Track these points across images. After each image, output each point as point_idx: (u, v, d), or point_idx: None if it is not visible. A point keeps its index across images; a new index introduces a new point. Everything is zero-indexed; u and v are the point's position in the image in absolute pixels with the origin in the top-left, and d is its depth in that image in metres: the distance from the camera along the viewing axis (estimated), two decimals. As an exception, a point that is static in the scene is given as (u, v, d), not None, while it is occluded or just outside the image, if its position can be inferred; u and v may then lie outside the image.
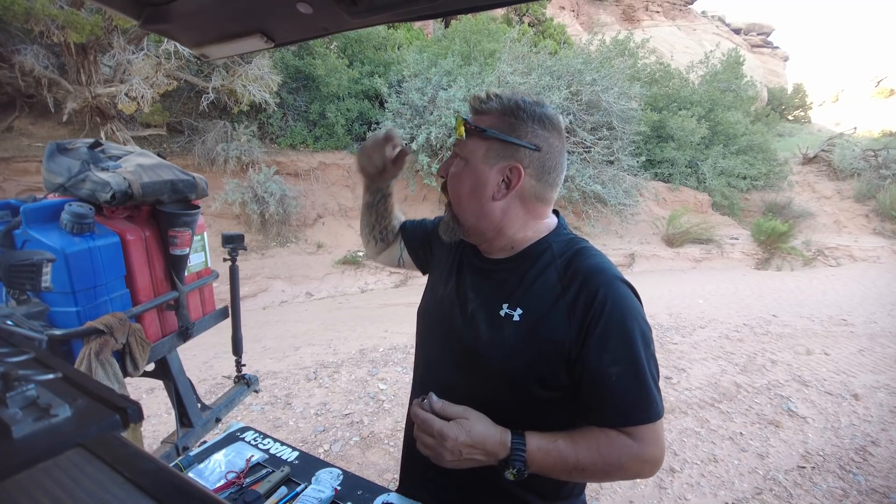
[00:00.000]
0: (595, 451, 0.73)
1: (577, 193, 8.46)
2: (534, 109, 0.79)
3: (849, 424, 2.99)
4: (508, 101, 0.79)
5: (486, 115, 0.80)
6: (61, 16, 5.22)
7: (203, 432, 1.66)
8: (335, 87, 8.27)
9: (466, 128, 0.80)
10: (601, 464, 0.73)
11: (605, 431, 0.75)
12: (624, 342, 0.74)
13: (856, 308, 5.87)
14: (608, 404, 0.74)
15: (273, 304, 6.37)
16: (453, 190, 0.84)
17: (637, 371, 0.74)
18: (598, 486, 2.35)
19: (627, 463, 0.73)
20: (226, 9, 0.77)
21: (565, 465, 0.72)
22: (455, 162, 0.84)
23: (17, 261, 0.98)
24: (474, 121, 0.81)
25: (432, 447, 0.72)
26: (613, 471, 0.74)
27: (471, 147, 0.81)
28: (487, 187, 0.80)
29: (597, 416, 0.76)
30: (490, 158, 0.80)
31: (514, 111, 0.79)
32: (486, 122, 0.80)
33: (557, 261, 0.81)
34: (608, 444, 0.73)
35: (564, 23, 15.56)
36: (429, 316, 0.96)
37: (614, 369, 0.73)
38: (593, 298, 0.74)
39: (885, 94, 30.78)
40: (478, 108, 0.81)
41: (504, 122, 0.79)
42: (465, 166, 0.82)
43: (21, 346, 0.47)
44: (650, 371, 0.75)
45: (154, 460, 0.34)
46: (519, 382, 0.78)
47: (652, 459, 0.74)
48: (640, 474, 0.75)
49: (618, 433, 0.74)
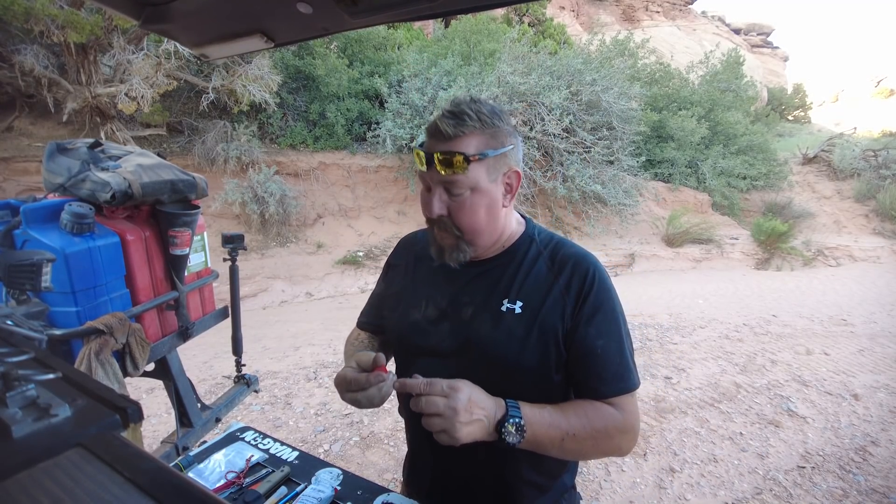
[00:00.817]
0: (584, 417, 0.78)
1: (577, 193, 8.46)
2: (497, 110, 0.81)
3: (849, 424, 2.99)
4: (482, 114, 0.77)
5: (467, 138, 0.77)
6: (61, 16, 5.22)
7: (203, 432, 1.67)
8: (335, 87, 8.27)
9: (469, 161, 0.76)
10: (590, 429, 0.77)
11: (589, 402, 0.81)
12: (607, 318, 0.82)
13: (856, 308, 5.87)
14: (594, 375, 0.81)
15: (273, 304, 6.37)
16: (467, 220, 0.81)
17: (619, 344, 0.82)
18: (598, 487, 2.35)
19: (612, 431, 0.78)
20: (226, 9, 0.77)
21: (558, 429, 0.76)
22: (450, 195, 0.79)
23: (17, 261, 0.98)
24: (453, 145, 0.76)
25: (444, 416, 0.69)
26: (601, 438, 0.78)
27: (473, 175, 0.77)
28: (498, 202, 0.82)
29: (584, 387, 0.82)
30: (491, 175, 0.80)
31: (492, 120, 0.78)
32: (475, 144, 0.77)
33: (544, 252, 0.87)
34: (595, 410, 0.79)
35: (564, 23, 15.56)
36: (419, 336, 0.89)
37: (600, 342, 0.80)
38: (584, 279, 0.82)
39: (885, 94, 30.77)
40: (453, 133, 0.76)
41: (489, 135, 0.78)
42: (471, 194, 0.79)
43: (21, 346, 0.47)
44: (628, 345, 0.83)
45: (154, 460, 0.34)
46: (536, 372, 0.82)
47: (632, 430, 0.80)
48: (621, 446, 0.80)
49: (602, 403, 0.80)
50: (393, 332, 0.96)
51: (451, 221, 0.81)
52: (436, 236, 0.85)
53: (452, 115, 0.77)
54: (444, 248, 0.84)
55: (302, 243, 7.53)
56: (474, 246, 0.84)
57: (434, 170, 0.77)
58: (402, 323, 0.93)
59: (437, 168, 0.77)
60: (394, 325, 0.95)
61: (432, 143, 0.79)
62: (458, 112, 0.77)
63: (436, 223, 0.83)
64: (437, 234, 0.85)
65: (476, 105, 0.78)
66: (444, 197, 0.80)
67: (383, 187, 8.62)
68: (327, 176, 8.30)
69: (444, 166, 0.76)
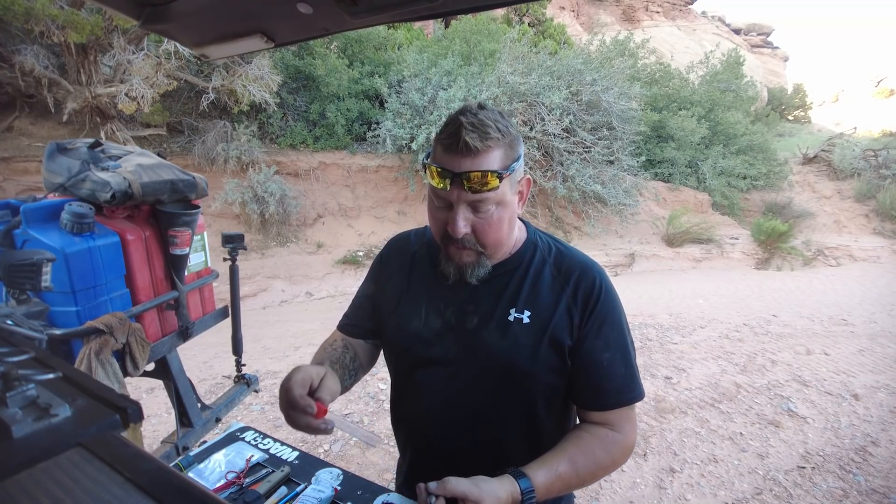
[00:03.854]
0: (591, 460, 0.77)
1: (577, 193, 8.46)
2: (505, 115, 0.78)
3: (849, 424, 2.99)
4: (499, 123, 0.74)
5: (493, 151, 0.73)
6: (61, 16, 5.22)
7: (203, 432, 1.67)
8: (335, 87, 8.27)
9: (501, 178, 0.73)
10: (597, 469, 0.78)
11: (594, 435, 0.80)
12: (614, 329, 0.81)
13: (856, 308, 5.86)
14: (598, 386, 0.80)
15: (273, 304, 6.37)
16: (493, 236, 0.78)
17: (624, 356, 0.81)
18: (598, 486, 2.35)
19: (618, 458, 0.79)
20: (226, 9, 0.77)
21: (569, 487, 0.77)
22: (476, 212, 0.75)
23: (17, 260, 0.98)
24: (481, 161, 0.72)
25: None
26: (606, 470, 0.80)
27: (501, 190, 0.74)
28: (515, 212, 0.81)
29: (586, 398, 0.82)
30: (513, 186, 0.78)
31: (508, 129, 0.75)
32: (499, 157, 0.73)
33: (549, 259, 0.85)
34: (600, 447, 0.78)
35: (564, 23, 15.55)
36: (421, 346, 0.86)
37: (606, 354, 0.79)
38: (591, 287, 0.81)
39: (885, 94, 30.78)
40: (481, 147, 0.71)
41: (507, 145, 0.75)
42: (496, 209, 0.76)
43: (21, 345, 0.47)
44: (632, 356, 0.83)
45: (154, 460, 0.34)
46: (545, 381, 0.82)
47: (632, 448, 0.82)
48: (620, 465, 0.82)
49: (605, 431, 0.80)
50: (391, 341, 0.92)
51: (476, 239, 0.77)
52: (453, 255, 0.80)
53: (475, 128, 0.71)
54: (464, 266, 0.80)
55: (302, 243, 7.53)
56: (493, 259, 0.82)
57: (460, 189, 0.72)
58: (402, 332, 0.88)
59: (464, 187, 0.72)
60: (391, 333, 0.91)
61: (455, 159, 0.72)
62: (480, 124, 0.71)
63: (455, 241, 0.77)
64: (456, 253, 0.79)
65: (492, 114, 0.74)
66: (469, 215, 0.75)
67: (383, 187, 8.62)
68: (327, 176, 8.30)
69: (475, 185, 0.71)
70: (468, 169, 0.71)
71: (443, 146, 0.74)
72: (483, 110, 0.74)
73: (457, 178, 0.72)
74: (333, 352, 0.93)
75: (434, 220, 0.80)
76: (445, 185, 0.73)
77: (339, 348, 0.95)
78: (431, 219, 0.81)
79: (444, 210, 0.77)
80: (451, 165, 0.73)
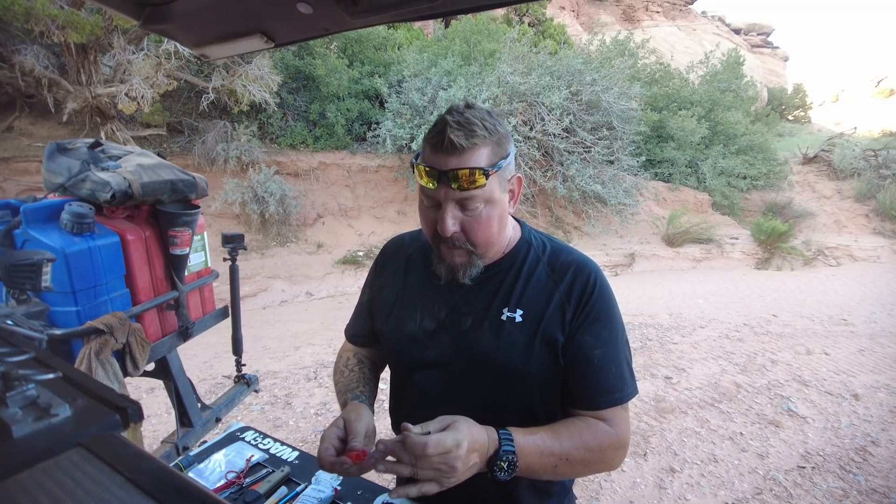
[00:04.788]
0: (577, 437, 0.76)
1: (577, 193, 8.46)
2: (495, 114, 0.78)
3: (849, 424, 2.99)
4: (486, 121, 0.74)
5: (480, 149, 0.73)
6: (61, 16, 5.22)
7: (203, 432, 1.66)
8: (335, 87, 8.26)
9: (488, 175, 0.73)
10: (583, 450, 0.75)
11: (583, 419, 0.79)
12: (606, 327, 0.80)
13: (856, 308, 5.86)
14: (589, 384, 0.79)
15: (273, 304, 6.37)
16: (483, 234, 0.77)
17: (616, 354, 0.80)
18: (598, 487, 2.35)
19: (606, 449, 0.77)
20: (226, 9, 0.77)
21: (551, 454, 0.74)
22: (465, 211, 0.76)
23: (17, 260, 0.98)
24: (468, 159, 0.72)
25: (441, 472, 0.66)
26: (593, 458, 0.76)
27: (489, 187, 0.74)
28: (506, 211, 0.80)
29: (578, 397, 0.81)
30: (502, 184, 0.78)
31: (496, 127, 0.75)
32: (487, 155, 0.74)
33: (543, 258, 0.85)
34: (588, 429, 0.77)
35: (564, 23, 15.55)
36: (417, 349, 0.86)
37: (597, 352, 0.78)
38: (585, 285, 0.81)
39: (885, 94, 30.74)
40: (467, 145, 0.72)
41: (495, 143, 0.75)
42: (485, 207, 0.76)
43: (21, 345, 0.47)
44: (625, 355, 0.82)
45: (154, 460, 0.34)
46: (540, 380, 0.81)
47: (624, 445, 0.80)
48: (613, 463, 0.79)
49: (595, 420, 0.79)
50: (388, 345, 0.92)
51: (466, 237, 0.77)
52: (444, 255, 0.80)
53: (461, 126, 0.72)
54: (455, 266, 0.80)
55: (302, 243, 7.53)
56: (484, 259, 0.82)
57: (448, 187, 0.73)
58: (398, 335, 0.88)
59: (451, 185, 0.72)
60: (388, 337, 0.91)
61: (442, 157, 0.73)
62: (465, 122, 0.72)
63: (446, 241, 0.78)
64: (447, 253, 0.79)
65: (479, 112, 0.75)
66: (458, 213, 0.76)
67: (383, 187, 8.62)
68: (327, 176, 8.30)
69: (462, 182, 0.72)
70: (454, 167, 0.72)
71: (430, 145, 0.75)
72: (470, 109, 0.75)
73: (444, 176, 0.72)
74: (351, 373, 0.96)
75: (425, 219, 0.80)
76: (433, 184, 0.74)
77: (354, 367, 0.97)
78: (422, 219, 0.81)
79: (433, 209, 0.78)
80: (438, 164, 0.73)
